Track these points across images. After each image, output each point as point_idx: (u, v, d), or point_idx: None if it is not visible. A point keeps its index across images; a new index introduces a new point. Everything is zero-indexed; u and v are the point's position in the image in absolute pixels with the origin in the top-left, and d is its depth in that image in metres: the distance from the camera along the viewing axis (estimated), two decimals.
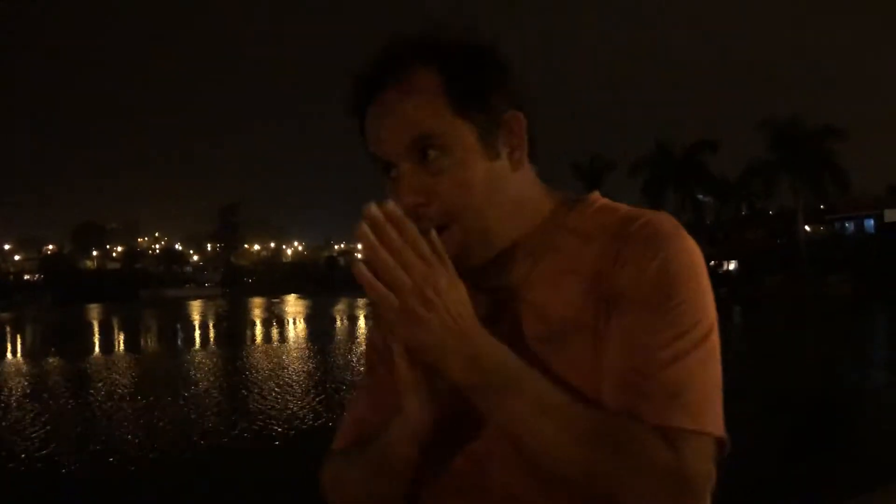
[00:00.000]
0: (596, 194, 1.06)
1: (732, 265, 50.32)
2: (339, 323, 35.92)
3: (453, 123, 0.94)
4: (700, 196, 49.46)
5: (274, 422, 10.86)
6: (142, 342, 30.25)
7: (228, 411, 12.16)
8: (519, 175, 1.00)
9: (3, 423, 11.82)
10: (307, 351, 22.20)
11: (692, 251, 0.95)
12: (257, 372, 17.25)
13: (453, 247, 0.93)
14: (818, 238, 50.61)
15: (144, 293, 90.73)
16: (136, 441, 10.05)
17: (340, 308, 48.39)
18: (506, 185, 0.98)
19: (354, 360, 19.16)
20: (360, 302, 55.01)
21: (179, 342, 29.06)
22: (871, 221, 48.17)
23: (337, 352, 21.41)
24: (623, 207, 1.02)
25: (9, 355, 25.78)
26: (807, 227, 47.79)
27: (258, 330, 33.36)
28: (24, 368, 20.63)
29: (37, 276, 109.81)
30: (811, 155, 42.69)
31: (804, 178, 43.43)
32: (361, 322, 35.76)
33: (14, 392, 15.43)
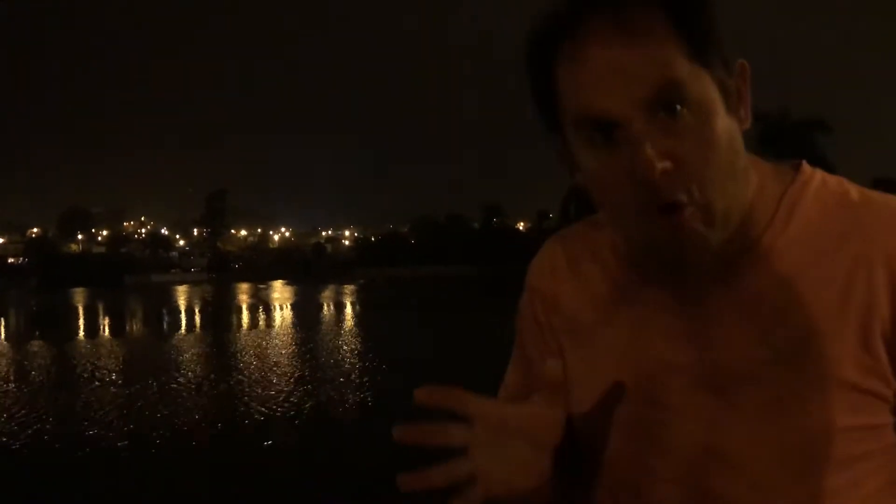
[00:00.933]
0: (807, 166, 0.88)
1: None
2: (325, 309, 35.86)
3: (694, 71, 0.76)
4: None
5: (256, 405, 10.83)
6: (126, 326, 30.09)
7: (211, 395, 12.11)
8: (742, 136, 0.82)
9: None
10: (292, 336, 22.16)
11: None
12: (241, 357, 17.24)
13: (697, 228, 0.78)
14: None
15: (130, 278, 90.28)
16: (119, 424, 9.99)
17: (327, 294, 48.31)
18: (741, 147, 0.81)
19: (340, 345, 19.15)
20: (347, 289, 54.99)
21: (164, 327, 28.94)
22: None
23: (323, 338, 21.40)
24: (851, 187, 0.85)
25: None
26: None
27: (244, 315, 33.25)
28: (8, 351, 20.50)
29: (21, 259, 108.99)
30: (798, 147, 42.95)
31: None
32: (348, 308, 35.73)
33: None
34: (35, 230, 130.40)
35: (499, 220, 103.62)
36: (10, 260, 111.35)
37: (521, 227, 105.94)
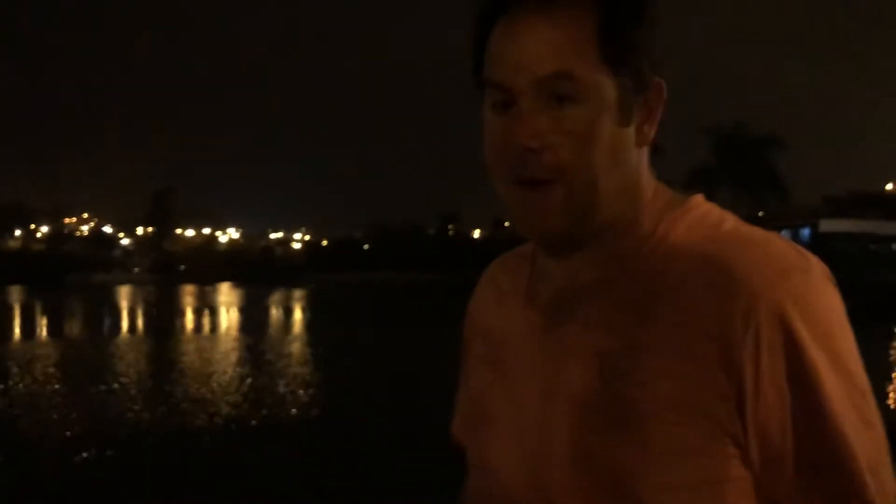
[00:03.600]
0: (700, 197, 0.90)
1: None
2: (273, 312, 35.03)
3: (598, 72, 0.80)
4: None
5: (195, 411, 10.27)
6: (65, 328, 28.90)
7: (149, 399, 11.47)
8: (639, 153, 0.86)
9: None
10: (237, 342, 21.40)
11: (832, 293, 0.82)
12: (181, 361, 16.54)
13: (551, 206, 0.82)
14: None
15: (71, 277, 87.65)
16: (54, 426, 9.58)
17: (276, 298, 47.40)
18: (627, 157, 0.84)
19: (286, 351, 18.52)
20: (296, 293, 54.10)
21: (105, 329, 27.91)
22: (808, 231, 49.44)
23: (268, 342, 20.69)
24: (730, 219, 0.86)
25: None
26: None
27: (188, 319, 32.24)
28: None
29: None
30: (753, 163, 43.62)
31: (745, 186, 44.39)
32: (297, 314, 34.97)
33: None
34: None
35: (454, 227, 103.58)
36: None
37: (476, 235, 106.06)
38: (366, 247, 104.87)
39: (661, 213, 0.87)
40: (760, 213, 51.74)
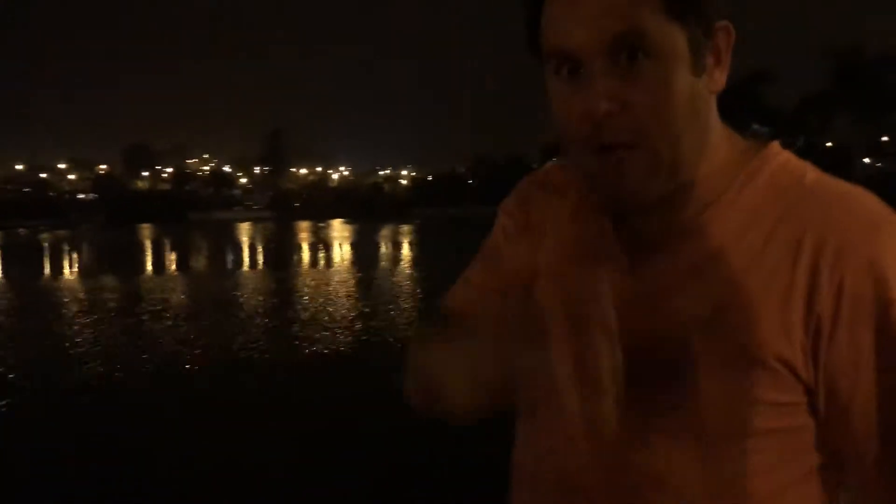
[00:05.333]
0: (776, 145, 0.89)
1: None
2: (382, 248, 36.19)
3: (667, 23, 0.77)
4: (755, 126, 48.12)
5: (314, 340, 11.08)
6: (191, 262, 30.93)
7: (271, 330, 12.44)
8: (713, 100, 0.84)
9: (60, 337, 12.27)
10: (351, 274, 22.48)
11: None
12: (301, 293, 17.60)
13: (636, 170, 0.80)
14: (876, 174, 49.00)
15: (194, 214, 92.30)
16: (182, 355, 10.35)
17: (385, 234, 48.68)
18: (705, 108, 0.83)
19: (397, 284, 19.37)
20: (404, 228, 55.31)
21: (227, 263, 29.66)
22: None
23: (380, 276, 21.66)
24: (810, 171, 0.85)
25: (66, 272, 26.63)
26: (866, 160, 46.17)
27: (304, 253, 33.81)
28: (79, 286, 21.30)
29: (90, 195, 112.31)
30: (874, 85, 40.99)
31: (865, 110, 41.86)
32: (405, 249, 35.99)
33: (70, 309, 15.99)
34: (103, 167, 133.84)
35: (558, 159, 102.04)
36: (81, 196, 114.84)
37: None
38: (470, 181, 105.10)
39: (738, 164, 0.86)
40: (884, 139, 48.64)
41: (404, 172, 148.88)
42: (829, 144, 55.32)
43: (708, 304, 0.81)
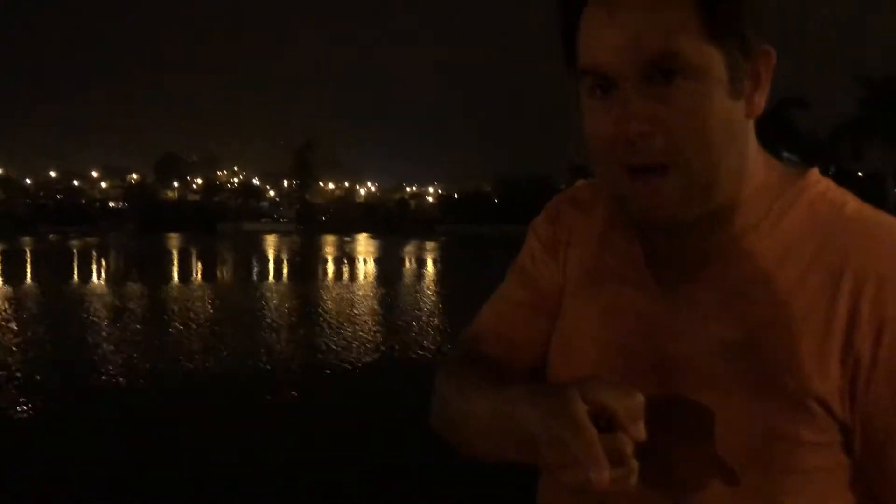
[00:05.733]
0: (815, 172, 0.86)
1: None
2: (407, 264, 36.28)
3: (705, 45, 0.75)
4: (785, 154, 47.69)
5: (335, 354, 11.13)
6: (218, 272, 31.23)
7: (293, 342, 12.52)
8: (750, 124, 0.82)
9: (88, 342, 12.44)
10: (375, 289, 22.56)
11: None
12: (325, 306, 17.70)
13: (670, 192, 0.78)
14: None
15: (222, 225, 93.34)
16: (206, 362, 10.46)
17: (409, 250, 48.82)
18: (742, 132, 0.80)
19: (420, 299, 19.40)
20: (429, 245, 55.46)
21: (254, 274, 29.93)
22: None
23: (404, 291, 21.72)
24: (851, 201, 0.83)
25: (94, 279, 27.01)
26: None
27: (329, 267, 33.99)
28: (108, 293, 21.59)
29: (121, 203, 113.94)
30: None
31: None
32: (430, 265, 36.06)
33: (97, 314, 16.21)
34: (134, 176, 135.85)
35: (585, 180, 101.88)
36: (112, 204, 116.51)
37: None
38: (496, 200, 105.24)
39: (776, 190, 0.84)
40: None
41: (430, 189, 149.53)
42: (861, 173, 54.75)
43: (742, 332, 0.78)
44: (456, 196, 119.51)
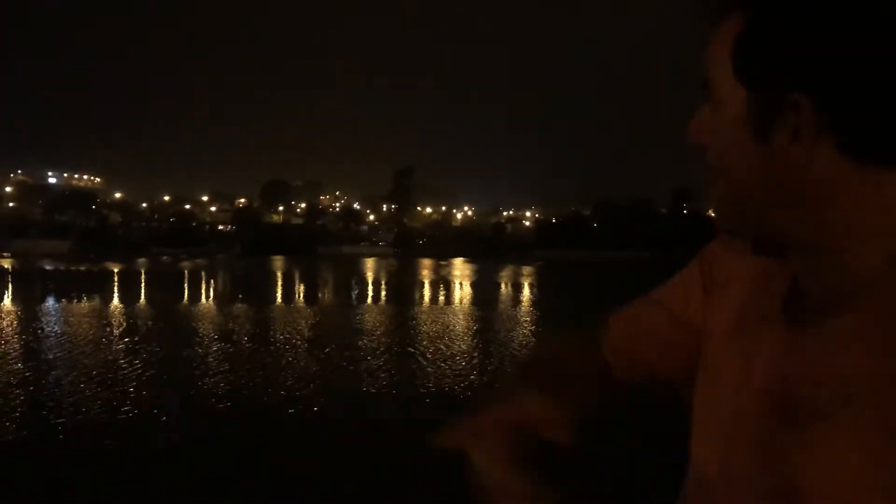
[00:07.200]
0: None
1: None
2: (503, 289, 36.22)
3: (730, 79, 0.77)
4: None
5: (428, 375, 11.20)
6: (319, 294, 32.04)
7: (390, 365, 12.71)
8: (821, 167, 0.73)
9: (195, 362, 12.98)
10: (471, 313, 22.61)
11: None
12: (422, 330, 17.90)
13: (718, 200, 0.82)
14: None
15: (323, 248, 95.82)
16: (310, 384, 10.78)
17: (505, 274, 48.74)
18: (775, 171, 0.75)
19: (515, 325, 19.32)
20: (525, 270, 55.18)
21: (353, 296, 30.59)
22: None
23: (499, 317, 21.68)
24: None
25: (203, 299, 28.21)
26: None
27: (426, 290, 34.33)
28: (214, 313, 22.49)
29: (229, 226, 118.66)
30: None
31: None
32: (526, 290, 35.87)
33: (206, 334, 16.91)
34: (242, 200, 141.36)
35: (688, 205, 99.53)
36: (220, 227, 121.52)
37: (712, 214, 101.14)
38: (595, 224, 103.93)
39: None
40: None
41: (528, 213, 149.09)
42: None
43: (862, 376, 0.70)
44: (554, 220, 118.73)
